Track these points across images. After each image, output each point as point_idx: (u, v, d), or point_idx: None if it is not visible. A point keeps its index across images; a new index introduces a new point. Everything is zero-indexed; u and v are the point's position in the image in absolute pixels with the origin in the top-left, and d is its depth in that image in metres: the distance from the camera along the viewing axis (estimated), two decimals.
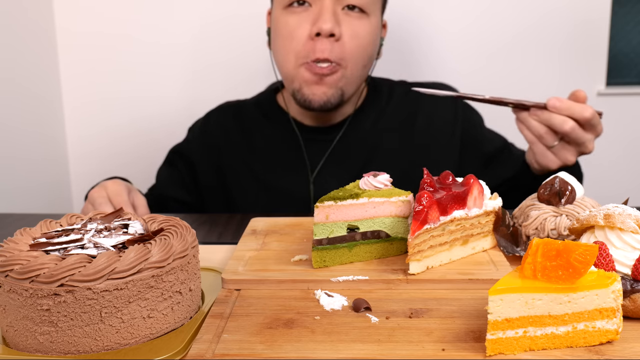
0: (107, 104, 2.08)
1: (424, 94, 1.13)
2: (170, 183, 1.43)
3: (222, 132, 1.44)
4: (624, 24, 2.02)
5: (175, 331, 0.66)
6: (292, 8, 1.26)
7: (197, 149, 1.44)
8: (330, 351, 0.60)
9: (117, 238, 0.67)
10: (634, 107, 2.03)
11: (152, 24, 2.01)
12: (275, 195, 1.37)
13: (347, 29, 1.25)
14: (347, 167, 1.36)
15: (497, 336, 0.59)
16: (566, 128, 1.07)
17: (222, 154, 1.42)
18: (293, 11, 1.26)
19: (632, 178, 2.05)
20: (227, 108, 1.49)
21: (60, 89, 2.07)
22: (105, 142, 2.11)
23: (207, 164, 1.43)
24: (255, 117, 1.44)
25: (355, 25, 1.25)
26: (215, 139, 1.44)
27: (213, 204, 1.44)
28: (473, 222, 0.83)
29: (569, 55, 1.98)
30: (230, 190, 1.41)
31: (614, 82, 2.04)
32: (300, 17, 1.25)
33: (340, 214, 0.81)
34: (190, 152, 1.44)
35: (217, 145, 1.43)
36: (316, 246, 0.80)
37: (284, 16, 1.27)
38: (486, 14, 1.96)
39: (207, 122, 1.48)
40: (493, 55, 1.98)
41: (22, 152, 1.88)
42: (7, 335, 0.64)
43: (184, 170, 1.44)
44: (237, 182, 1.41)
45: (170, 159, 1.47)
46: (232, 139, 1.43)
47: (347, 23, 1.25)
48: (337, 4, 1.24)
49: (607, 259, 0.67)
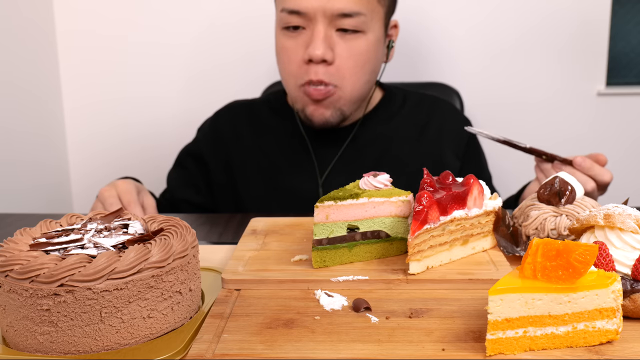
0: (107, 104, 2.08)
1: (471, 132, 1.18)
2: (181, 185, 1.43)
3: (232, 130, 1.43)
4: (624, 24, 2.02)
5: (175, 331, 0.66)
6: (288, 31, 1.26)
7: (208, 147, 1.43)
8: (330, 351, 0.60)
9: (117, 238, 0.67)
10: (634, 107, 2.03)
11: (153, 25, 2.01)
12: (283, 196, 1.37)
13: (343, 51, 1.23)
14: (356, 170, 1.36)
15: (497, 336, 0.59)
16: (587, 188, 1.08)
17: (232, 151, 1.41)
18: (289, 35, 1.26)
19: (632, 178, 2.05)
20: (237, 106, 1.49)
21: (60, 89, 2.07)
22: (105, 143, 2.11)
23: (217, 161, 1.42)
24: (265, 116, 1.44)
25: (351, 45, 1.24)
26: (225, 135, 1.43)
27: (224, 204, 1.43)
28: (473, 222, 0.83)
29: (569, 55, 1.98)
30: (239, 189, 1.40)
31: (614, 82, 2.04)
32: (296, 41, 1.25)
33: (340, 214, 0.81)
34: (201, 151, 1.43)
35: (227, 142, 1.42)
36: (316, 246, 0.80)
37: (282, 38, 1.28)
38: (490, 17, 1.96)
39: (216, 119, 1.47)
40: (497, 56, 1.99)
41: (22, 153, 1.88)
42: (7, 335, 0.64)
43: (195, 170, 1.43)
44: (245, 181, 1.40)
45: (180, 161, 1.46)
46: (242, 136, 1.42)
47: (341, 45, 1.23)
48: (330, 27, 1.22)
49: (607, 259, 0.67)
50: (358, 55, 1.25)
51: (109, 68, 2.05)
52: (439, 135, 1.41)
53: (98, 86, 2.06)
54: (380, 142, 1.38)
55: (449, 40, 1.99)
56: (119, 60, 2.04)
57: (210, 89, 2.05)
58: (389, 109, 1.42)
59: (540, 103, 2.02)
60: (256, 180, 1.39)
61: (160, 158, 1.61)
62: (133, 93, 2.07)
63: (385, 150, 1.38)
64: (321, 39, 1.21)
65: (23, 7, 1.86)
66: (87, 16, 2.01)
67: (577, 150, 2.03)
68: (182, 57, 2.04)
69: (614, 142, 2.04)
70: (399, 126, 1.40)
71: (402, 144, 1.39)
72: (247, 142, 1.41)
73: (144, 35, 2.02)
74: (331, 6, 1.19)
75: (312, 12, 1.20)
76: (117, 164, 2.11)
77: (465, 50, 1.99)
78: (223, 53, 2.03)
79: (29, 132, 1.91)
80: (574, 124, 2.03)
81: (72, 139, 2.11)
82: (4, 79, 1.78)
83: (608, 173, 1.10)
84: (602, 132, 2.04)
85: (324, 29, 1.21)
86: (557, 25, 1.96)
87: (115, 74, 2.05)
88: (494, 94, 2.02)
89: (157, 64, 2.04)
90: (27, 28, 1.88)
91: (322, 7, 1.19)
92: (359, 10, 1.21)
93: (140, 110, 2.08)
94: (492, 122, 2.04)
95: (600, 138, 2.04)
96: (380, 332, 0.64)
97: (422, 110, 1.43)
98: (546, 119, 2.03)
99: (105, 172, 2.08)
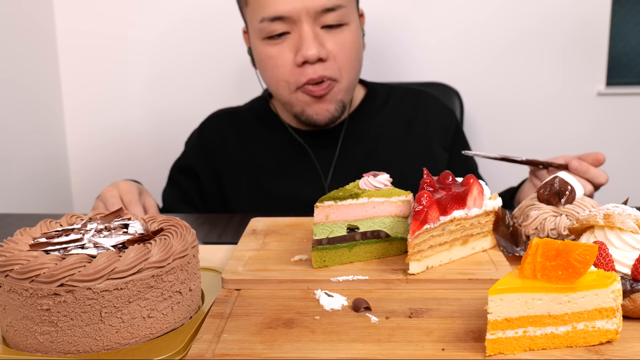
0: (107, 104, 2.08)
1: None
2: (176, 202, 1.43)
3: (219, 139, 1.43)
4: (624, 24, 2.02)
5: (175, 331, 0.66)
6: (272, 40, 1.23)
7: (197, 159, 1.43)
8: (330, 351, 0.60)
9: (117, 238, 0.67)
10: (634, 107, 2.03)
11: (153, 24, 2.01)
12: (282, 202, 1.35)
13: (334, 45, 1.23)
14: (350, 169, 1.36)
15: (496, 336, 0.59)
16: (585, 192, 1.07)
17: (221, 160, 1.41)
18: (273, 43, 1.23)
19: (632, 178, 2.05)
20: (221, 115, 1.48)
21: (60, 89, 2.07)
22: (106, 143, 2.11)
23: (208, 171, 1.42)
24: (250, 124, 1.43)
25: (339, 39, 1.23)
26: (213, 145, 1.43)
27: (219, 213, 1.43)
28: (473, 222, 0.83)
29: (570, 55, 1.98)
30: (229, 197, 1.40)
31: (614, 82, 2.04)
32: (282, 47, 1.23)
33: (340, 214, 0.81)
34: (191, 163, 1.43)
35: (214, 151, 1.42)
36: (316, 246, 0.80)
37: (264, 47, 1.25)
38: (490, 17, 1.96)
39: (202, 130, 1.47)
40: (497, 56, 1.99)
41: (22, 153, 1.88)
42: (7, 335, 0.64)
43: (188, 185, 1.43)
44: (236, 189, 1.40)
45: (172, 178, 1.47)
46: (229, 145, 1.42)
47: (331, 39, 1.23)
48: (316, 25, 1.21)
49: (606, 259, 0.67)
50: (348, 47, 1.25)
51: (109, 67, 2.05)
52: (426, 129, 1.41)
53: (98, 85, 2.06)
54: (369, 140, 1.38)
55: (449, 40, 1.99)
56: (120, 58, 2.04)
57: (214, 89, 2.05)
58: (373, 105, 1.42)
59: (540, 103, 2.02)
60: (249, 188, 1.39)
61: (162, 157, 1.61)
62: (134, 92, 2.07)
63: (373, 149, 1.38)
64: (312, 38, 1.20)
65: (23, 6, 1.86)
66: (87, 14, 2.00)
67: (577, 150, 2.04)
68: (183, 56, 2.04)
69: (614, 142, 2.04)
70: (385, 122, 1.40)
71: (389, 140, 1.39)
72: (235, 151, 1.41)
73: (145, 33, 2.02)
74: (313, 3, 1.18)
75: (295, 14, 1.19)
76: (118, 163, 2.11)
77: (465, 50, 1.99)
78: (232, 55, 2.02)
79: (29, 132, 1.91)
80: (574, 124, 2.03)
81: (72, 138, 2.12)
82: (4, 78, 1.78)
83: (604, 175, 1.09)
84: (602, 132, 2.04)
85: (311, 28, 1.20)
86: (557, 26, 1.96)
87: (116, 73, 2.05)
88: (494, 94, 2.02)
89: (158, 62, 2.04)
90: (27, 27, 1.88)
91: (304, 6, 1.18)
92: (339, 3, 1.21)
93: (141, 109, 2.08)
94: (492, 122, 2.04)
95: (600, 138, 2.04)
96: (380, 332, 0.64)
97: (407, 105, 1.43)
98: (546, 119, 2.03)
99: (106, 172, 2.09)
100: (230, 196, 1.40)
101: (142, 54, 2.03)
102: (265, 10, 1.20)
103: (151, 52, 2.03)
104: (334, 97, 1.27)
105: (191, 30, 2.02)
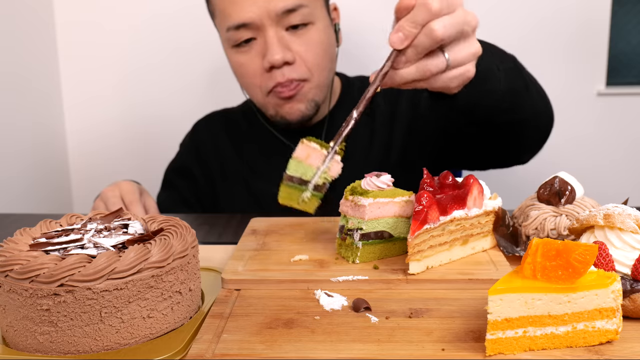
0: (108, 103, 2.08)
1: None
2: (172, 204, 1.43)
3: (211, 139, 1.45)
4: (624, 24, 2.02)
5: (175, 331, 0.66)
6: (240, 47, 1.25)
7: (191, 159, 1.45)
8: (330, 351, 0.60)
9: (117, 238, 0.67)
10: (634, 107, 2.03)
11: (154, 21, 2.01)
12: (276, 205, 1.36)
13: (300, 47, 1.23)
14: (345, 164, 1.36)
15: (496, 336, 0.59)
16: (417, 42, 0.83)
17: (213, 161, 1.43)
18: (241, 50, 1.25)
19: (632, 178, 2.05)
20: (213, 116, 1.50)
21: (60, 87, 2.07)
22: (106, 143, 2.11)
23: (203, 171, 1.43)
24: (241, 125, 1.45)
25: (305, 39, 1.24)
26: (205, 145, 1.45)
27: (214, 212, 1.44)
28: (473, 222, 0.83)
29: (569, 55, 1.98)
30: (220, 198, 1.41)
31: (614, 82, 2.04)
32: (249, 54, 1.24)
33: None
34: (185, 163, 1.45)
35: (207, 152, 1.44)
36: (286, 182, 0.81)
37: (234, 55, 1.27)
38: (490, 17, 1.96)
39: (195, 131, 1.49)
40: None
41: (22, 152, 1.88)
42: (7, 335, 0.64)
43: (183, 185, 1.44)
44: (228, 188, 1.41)
45: (167, 180, 1.48)
46: (220, 146, 1.44)
47: (296, 41, 1.23)
48: (280, 29, 1.21)
49: (606, 259, 0.67)
50: (315, 46, 1.25)
51: (110, 63, 2.04)
52: (391, 118, 1.40)
53: (99, 84, 2.06)
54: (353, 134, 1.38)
55: None
56: (121, 55, 2.03)
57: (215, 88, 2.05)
58: (352, 97, 1.42)
59: None
60: (240, 189, 1.40)
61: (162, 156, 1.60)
62: (135, 91, 2.06)
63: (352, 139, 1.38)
64: (276, 43, 1.20)
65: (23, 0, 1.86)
66: (87, 9, 2.00)
67: (577, 150, 2.04)
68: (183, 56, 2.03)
69: (614, 142, 2.04)
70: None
71: (359, 131, 1.37)
72: (226, 151, 1.42)
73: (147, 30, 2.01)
74: (274, 6, 1.19)
75: (258, 20, 1.20)
76: (118, 163, 2.11)
77: None
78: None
79: (29, 132, 1.91)
80: (574, 124, 2.03)
81: (72, 138, 2.11)
82: (4, 78, 1.78)
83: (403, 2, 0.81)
84: (602, 132, 2.04)
85: (275, 32, 1.21)
86: (557, 26, 1.96)
87: (117, 71, 2.05)
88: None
89: (158, 60, 2.03)
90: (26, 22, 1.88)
91: (265, 10, 1.19)
92: (300, 3, 1.21)
93: (141, 109, 2.08)
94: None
95: (600, 138, 2.04)
96: (380, 332, 0.64)
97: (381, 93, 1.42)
98: None
99: (106, 172, 2.08)
100: (222, 197, 1.41)
101: (145, 50, 2.03)
102: (229, 19, 1.22)
103: (151, 52, 2.03)
104: (305, 96, 1.27)
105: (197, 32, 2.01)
